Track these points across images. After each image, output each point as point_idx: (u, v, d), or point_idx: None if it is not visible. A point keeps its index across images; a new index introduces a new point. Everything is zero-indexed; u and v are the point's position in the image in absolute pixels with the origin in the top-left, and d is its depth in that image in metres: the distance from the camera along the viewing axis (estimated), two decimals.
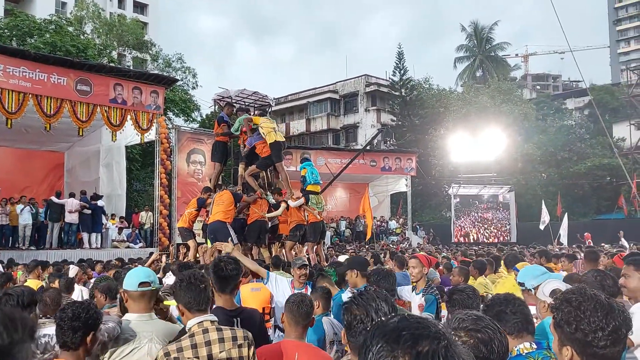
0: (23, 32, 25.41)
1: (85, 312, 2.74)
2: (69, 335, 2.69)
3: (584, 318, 1.79)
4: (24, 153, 19.82)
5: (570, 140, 36.36)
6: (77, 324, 2.70)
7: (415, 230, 28.73)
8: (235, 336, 2.76)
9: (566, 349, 1.83)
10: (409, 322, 1.12)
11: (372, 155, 28.41)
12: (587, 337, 1.78)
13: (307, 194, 10.06)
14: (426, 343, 1.06)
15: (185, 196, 18.32)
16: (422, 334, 1.07)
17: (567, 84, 79.82)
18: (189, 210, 10.29)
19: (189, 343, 2.70)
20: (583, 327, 1.79)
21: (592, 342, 1.77)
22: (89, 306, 2.82)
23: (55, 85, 14.46)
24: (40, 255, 13.73)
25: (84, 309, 2.76)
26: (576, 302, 1.84)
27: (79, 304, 2.81)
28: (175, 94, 29.06)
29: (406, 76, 39.76)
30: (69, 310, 2.73)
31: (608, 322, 1.78)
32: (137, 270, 3.28)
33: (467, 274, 6.42)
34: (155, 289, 3.21)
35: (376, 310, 2.17)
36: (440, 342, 1.07)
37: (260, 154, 10.42)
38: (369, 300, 2.21)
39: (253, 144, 10.45)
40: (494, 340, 1.76)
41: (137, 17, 45.84)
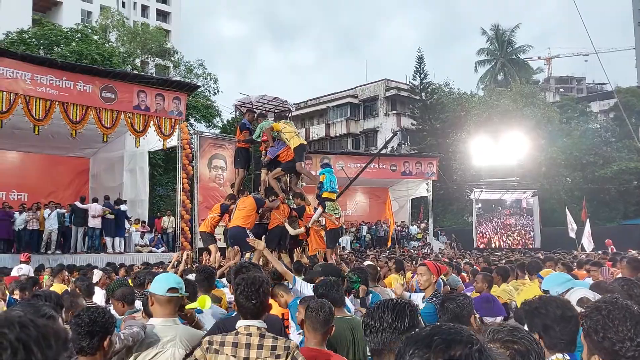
0: (50, 41, 25.96)
1: (101, 317, 2.78)
2: (86, 340, 2.72)
3: (612, 327, 1.77)
4: (51, 159, 20.21)
5: (596, 143, 35.75)
6: (94, 329, 2.74)
7: (437, 236, 28.51)
8: (276, 345, 2.77)
9: (595, 357, 1.81)
10: (441, 329, 1.14)
11: (392, 159, 28.32)
12: (614, 346, 1.74)
13: (324, 201, 10.05)
14: (459, 347, 1.07)
15: (207, 201, 18.50)
16: (455, 339, 1.09)
17: (592, 86, 78.56)
18: (212, 215, 10.36)
19: (231, 340, 2.77)
20: (610, 335, 1.76)
21: (620, 352, 1.74)
22: (103, 311, 2.87)
23: (81, 93, 14.77)
24: (66, 259, 14.00)
25: (99, 313, 2.80)
26: (606, 311, 1.82)
27: (94, 309, 2.85)
28: (197, 100, 29.37)
29: (426, 80, 39.56)
30: (84, 316, 2.76)
31: (637, 333, 1.74)
32: (166, 275, 3.33)
33: (490, 280, 6.34)
34: (182, 295, 3.26)
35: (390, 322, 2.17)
36: (473, 347, 1.08)
37: (284, 160, 10.46)
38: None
39: (276, 154, 10.46)
40: (531, 352, 1.72)
41: (160, 25, 46.50)
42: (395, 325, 1.99)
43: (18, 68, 13.72)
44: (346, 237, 24.64)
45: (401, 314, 2.03)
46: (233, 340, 2.76)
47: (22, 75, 13.73)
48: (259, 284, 2.91)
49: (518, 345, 1.73)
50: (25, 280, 6.89)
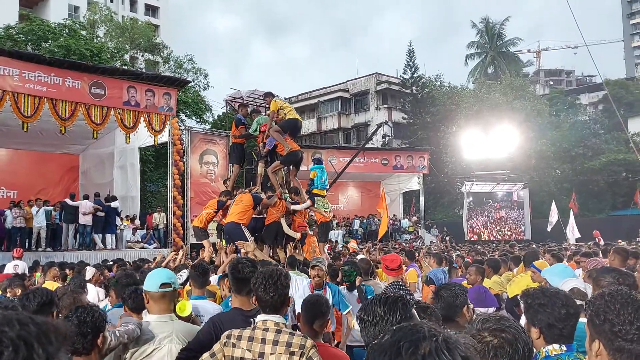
0: (38, 37, 25.69)
1: (91, 316, 2.75)
2: (80, 341, 2.70)
3: (613, 310, 1.79)
4: (40, 156, 20.07)
5: (585, 135, 36.02)
6: (85, 329, 2.71)
7: (428, 229, 28.64)
8: (291, 342, 2.70)
9: (595, 342, 1.83)
10: (402, 332, 1.15)
11: (383, 153, 28.39)
12: (614, 327, 1.77)
13: (313, 196, 10.11)
14: (426, 344, 1.09)
15: (199, 197, 18.46)
16: (419, 337, 1.11)
17: (581, 79, 79.04)
18: (207, 210, 10.32)
19: (248, 334, 2.75)
20: (611, 318, 1.78)
21: (619, 334, 1.76)
22: (92, 309, 2.83)
23: (70, 89, 14.65)
24: (57, 256, 13.91)
25: (88, 313, 2.76)
26: (609, 297, 1.85)
27: (82, 308, 2.80)
28: (187, 95, 29.22)
29: (417, 74, 39.64)
30: (73, 317, 2.73)
31: (638, 317, 1.76)
32: (158, 271, 3.32)
33: (483, 272, 6.41)
34: (176, 289, 3.26)
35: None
36: (437, 338, 1.10)
37: (282, 152, 10.42)
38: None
39: (274, 144, 10.44)
40: (519, 340, 1.75)
41: (149, 20, 46.15)
42: (387, 318, 2.00)
43: (5, 64, 13.59)
44: (339, 231, 24.69)
45: (393, 307, 2.03)
46: (249, 335, 2.73)
47: (9, 71, 13.59)
48: (276, 276, 2.89)
49: (506, 333, 1.75)
50: (13, 278, 6.84)
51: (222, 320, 3.21)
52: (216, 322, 3.18)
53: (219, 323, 3.15)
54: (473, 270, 6.34)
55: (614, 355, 1.78)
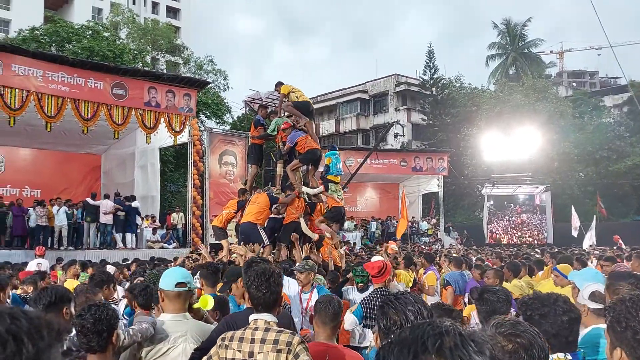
0: (62, 38, 26.11)
1: (105, 314, 2.76)
2: (95, 339, 2.71)
3: (635, 316, 1.73)
4: (63, 156, 20.38)
5: (609, 138, 35.34)
6: (100, 327, 2.72)
7: (448, 232, 28.40)
8: (278, 340, 2.65)
9: (617, 351, 1.76)
10: (422, 329, 1.12)
11: (402, 155, 28.25)
12: (636, 335, 1.70)
13: (327, 182, 10.13)
14: (449, 338, 1.07)
15: (218, 197, 18.57)
16: (441, 332, 1.09)
17: (605, 80, 77.73)
18: (227, 210, 10.34)
19: (239, 335, 2.73)
20: (633, 324, 1.72)
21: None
22: (105, 307, 2.84)
23: (92, 90, 14.86)
24: (79, 255, 14.10)
25: (102, 311, 2.77)
26: (630, 302, 1.78)
27: (95, 307, 2.80)
28: (207, 96, 29.43)
29: (437, 75, 39.40)
30: (87, 315, 2.73)
31: None
32: (174, 270, 3.33)
33: (502, 276, 6.30)
34: (191, 289, 3.26)
35: (415, 314, 2.14)
36: (457, 330, 1.09)
37: (302, 150, 10.39)
38: (407, 304, 2.18)
39: (295, 140, 10.39)
40: (534, 345, 1.70)
41: (170, 22, 46.59)
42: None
43: (30, 65, 13.84)
44: (357, 233, 24.64)
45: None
46: (240, 335, 2.72)
47: (34, 72, 13.84)
48: (268, 274, 2.87)
49: (521, 338, 1.71)
50: (33, 275, 6.94)
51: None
52: (229, 321, 3.17)
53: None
54: (491, 273, 6.25)
55: None
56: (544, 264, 8.51)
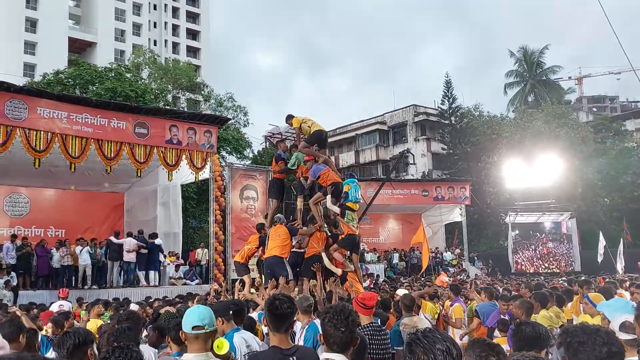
0: (85, 81, 26.84)
1: (130, 356, 2.76)
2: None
3: None
4: (87, 195, 20.66)
5: (633, 162, 34.74)
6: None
7: (473, 261, 27.95)
8: None
9: None
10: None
11: (424, 185, 28.10)
12: None
13: (345, 209, 10.07)
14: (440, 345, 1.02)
15: (239, 232, 18.58)
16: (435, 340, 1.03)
17: (625, 104, 77.00)
18: (249, 246, 10.34)
19: None
20: None
21: None
22: (129, 349, 2.83)
23: (115, 130, 15.15)
24: (102, 294, 14.16)
25: (127, 353, 2.77)
26: None
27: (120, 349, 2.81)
28: (227, 132, 29.82)
29: (455, 104, 39.47)
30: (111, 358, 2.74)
31: None
32: (192, 312, 3.30)
33: (530, 307, 6.08)
34: (210, 331, 3.23)
35: (444, 354, 2.08)
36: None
37: (324, 183, 10.39)
38: (435, 342, 2.12)
39: (318, 174, 10.41)
40: None
41: (190, 61, 47.71)
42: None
43: (55, 108, 14.18)
44: (380, 265, 24.38)
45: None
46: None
47: (58, 114, 14.17)
48: (347, 312, 2.85)
49: None
50: (57, 316, 6.95)
51: (258, 357, 3.15)
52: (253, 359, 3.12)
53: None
54: (517, 304, 6.08)
55: None
56: (573, 294, 8.25)
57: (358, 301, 4.83)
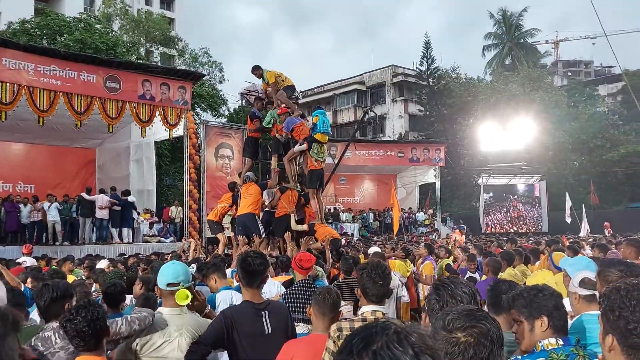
0: (53, 31, 25.85)
1: (97, 313, 2.73)
2: (91, 341, 2.71)
3: (628, 306, 1.74)
4: (56, 150, 20.23)
5: (603, 127, 35.43)
6: (94, 327, 2.70)
7: (445, 222, 28.45)
8: None
9: (608, 337, 1.78)
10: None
11: (399, 146, 28.26)
12: (628, 324, 1.72)
13: (312, 142, 9.89)
14: (378, 338, 1.08)
15: (214, 190, 18.50)
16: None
17: (599, 69, 77.79)
18: (222, 205, 10.33)
19: (359, 325, 2.73)
20: (626, 314, 1.73)
21: (634, 331, 1.71)
22: (93, 306, 2.79)
23: (85, 83, 14.74)
24: (74, 250, 14.06)
25: (93, 311, 2.73)
26: (624, 291, 1.79)
27: (84, 308, 2.74)
28: (202, 88, 29.27)
29: (434, 65, 39.34)
30: (79, 318, 2.69)
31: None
32: (167, 269, 3.30)
33: (496, 265, 6.26)
34: (185, 287, 3.24)
35: (469, 297, 2.25)
36: (388, 331, 1.10)
37: (298, 137, 10.26)
38: (461, 287, 2.29)
39: (292, 126, 10.26)
40: (491, 329, 1.72)
41: (164, 13, 46.27)
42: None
43: (21, 59, 13.69)
44: (355, 224, 24.67)
45: None
46: (358, 325, 2.72)
47: (25, 66, 13.70)
48: (383, 267, 3.12)
49: (477, 328, 1.71)
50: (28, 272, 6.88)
51: (232, 313, 3.18)
52: (227, 315, 3.15)
53: (229, 317, 3.12)
54: (485, 262, 6.25)
55: (628, 351, 1.73)
56: (539, 253, 8.49)
57: (296, 261, 4.89)
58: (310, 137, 9.90)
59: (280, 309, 3.42)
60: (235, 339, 3.08)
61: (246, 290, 3.30)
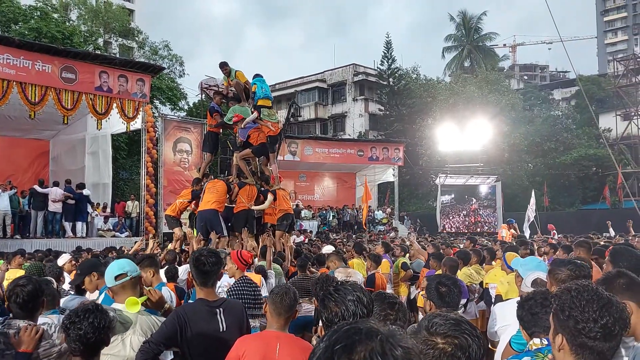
0: (7, 19, 24.97)
1: (104, 321, 2.57)
2: (91, 349, 2.55)
3: (578, 306, 1.79)
4: (8, 141, 19.55)
5: (557, 130, 36.61)
6: (100, 336, 2.56)
7: (402, 220, 28.83)
8: None
9: (559, 336, 1.83)
10: (339, 333, 1.08)
11: (359, 145, 28.46)
12: (577, 324, 1.77)
13: (259, 108, 10.38)
14: (361, 348, 1.03)
15: (172, 185, 18.25)
16: (354, 340, 1.04)
17: (554, 74, 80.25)
18: (181, 200, 10.21)
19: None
20: (576, 314, 1.78)
21: (582, 331, 1.76)
22: (101, 312, 2.61)
23: (40, 73, 14.31)
24: (25, 244, 13.59)
25: (100, 317, 2.56)
26: (575, 292, 1.84)
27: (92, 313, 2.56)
28: (162, 82, 28.78)
29: (394, 65, 39.73)
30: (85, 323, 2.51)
31: (602, 315, 1.76)
32: (111, 266, 3.27)
33: (453, 264, 6.38)
34: (134, 277, 3.21)
35: (355, 303, 2.17)
36: (374, 340, 1.04)
37: (255, 142, 10.35)
38: (346, 294, 2.20)
39: (246, 134, 10.38)
40: (472, 345, 1.67)
41: (123, 4, 45.20)
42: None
43: None
44: (313, 221, 24.73)
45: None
46: None
47: None
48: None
49: (459, 340, 1.67)
50: None
51: (186, 311, 3.17)
52: (180, 313, 3.14)
53: (183, 315, 3.11)
54: (443, 262, 6.38)
55: (577, 350, 1.79)
56: (494, 252, 8.70)
57: (238, 256, 5.17)
58: (255, 105, 10.47)
59: (235, 306, 3.43)
60: (189, 337, 3.07)
61: (201, 289, 3.30)
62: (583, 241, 6.26)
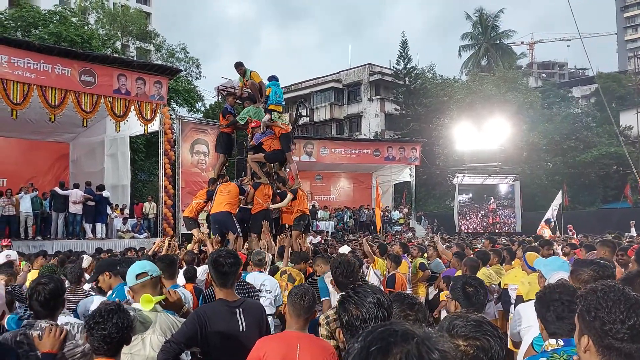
0: (28, 23, 25.37)
1: (127, 321, 2.62)
2: (114, 348, 2.60)
3: (604, 307, 1.75)
4: (29, 144, 19.87)
5: (577, 128, 36.08)
6: (122, 336, 2.61)
7: (420, 220, 28.69)
8: None
9: (584, 337, 1.80)
10: (374, 334, 1.07)
11: (375, 145, 28.37)
12: (604, 326, 1.73)
13: (271, 112, 10.60)
14: (397, 350, 1.01)
15: (189, 186, 18.38)
16: (390, 342, 1.03)
17: (573, 72, 79.24)
18: (197, 200, 10.27)
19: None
20: (602, 315, 1.75)
21: (609, 333, 1.73)
22: (123, 312, 2.66)
23: (60, 76, 14.50)
24: (46, 245, 13.81)
25: (123, 318, 2.61)
26: (601, 292, 1.80)
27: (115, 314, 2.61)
28: (178, 84, 29.01)
29: (410, 65, 39.58)
30: (109, 324, 2.55)
31: (629, 316, 1.72)
32: (132, 267, 3.29)
33: (473, 264, 6.28)
34: (155, 276, 3.23)
35: (376, 305, 2.15)
36: (410, 342, 1.02)
37: (268, 149, 10.46)
38: (366, 296, 2.18)
39: (260, 140, 10.46)
40: (494, 347, 1.67)
41: (141, 8, 45.72)
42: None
43: None
44: (330, 222, 24.74)
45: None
46: None
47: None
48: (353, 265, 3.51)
49: (480, 342, 1.67)
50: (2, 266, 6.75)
51: (206, 312, 3.19)
52: (200, 314, 3.16)
53: (203, 315, 3.13)
54: (463, 262, 6.32)
55: (603, 352, 1.75)
56: (515, 253, 8.59)
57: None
58: (267, 109, 10.67)
59: (255, 306, 3.45)
60: (209, 337, 3.09)
61: (220, 290, 3.31)
62: (607, 240, 6.16)
